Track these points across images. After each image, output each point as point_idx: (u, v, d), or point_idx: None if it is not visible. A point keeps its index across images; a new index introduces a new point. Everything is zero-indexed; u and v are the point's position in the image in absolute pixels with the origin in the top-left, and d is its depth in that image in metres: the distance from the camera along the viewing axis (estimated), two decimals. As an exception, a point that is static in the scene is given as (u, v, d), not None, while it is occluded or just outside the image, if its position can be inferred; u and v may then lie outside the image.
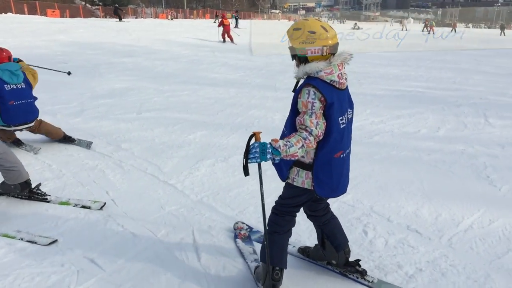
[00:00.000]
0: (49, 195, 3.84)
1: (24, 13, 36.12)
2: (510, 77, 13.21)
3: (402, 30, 44.10)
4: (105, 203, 3.75)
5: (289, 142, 2.25)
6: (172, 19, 46.14)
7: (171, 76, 11.46)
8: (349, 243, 2.89)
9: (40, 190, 3.83)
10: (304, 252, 3.13)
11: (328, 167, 2.44)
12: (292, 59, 2.49)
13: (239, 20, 35.45)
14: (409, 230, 3.47)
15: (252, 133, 2.38)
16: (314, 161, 2.42)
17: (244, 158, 2.33)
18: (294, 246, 3.22)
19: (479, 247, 3.23)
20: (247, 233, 3.39)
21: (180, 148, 5.45)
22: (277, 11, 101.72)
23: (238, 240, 3.28)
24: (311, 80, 2.34)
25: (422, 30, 42.96)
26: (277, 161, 2.30)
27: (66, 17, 38.86)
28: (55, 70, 7.11)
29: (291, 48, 2.45)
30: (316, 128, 2.29)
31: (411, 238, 3.35)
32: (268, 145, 2.28)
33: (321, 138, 2.34)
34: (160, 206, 3.80)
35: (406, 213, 3.78)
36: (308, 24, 2.40)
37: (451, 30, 44.07)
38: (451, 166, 5.09)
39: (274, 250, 2.62)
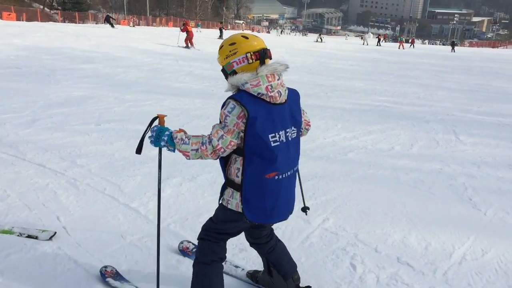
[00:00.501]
0: (-11, 222, 3.30)
1: (-23, 15, 34.43)
2: (471, 93, 13.45)
3: (363, 44, 45.18)
4: (55, 233, 3.23)
5: (187, 138, 2.18)
6: (134, 26, 45.21)
7: (133, 85, 10.89)
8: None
9: (-23, 216, 3.28)
10: (253, 277, 2.87)
11: (258, 188, 2.22)
12: (227, 80, 2.29)
13: (224, 31, 35.00)
14: (400, 263, 3.16)
15: (156, 115, 2.31)
16: (242, 181, 2.22)
17: (141, 137, 2.34)
18: (243, 269, 2.97)
19: (477, 284, 2.96)
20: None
21: (142, 164, 4.97)
22: (241, 21, 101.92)
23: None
24: (236, 93, 2.18)
25: (377, 44, 44.33)
26: (172, 151, 2.24)
27: (22, 20, 37.27)
28: None
29: (222, 70, 2.31)
30: (217, 140, 2.13)
31: (403, 272, 3.03)
32: (167, 133, 2.24)
33: (222, 152, 2.17)
34: (120, 235, 3.32)
35: (393, 242, 3.47)
36: (228, 38, 2.29)
37: (410, 46, 45.55)
38: (431, 187, 4.87)
39: (216, 283, 2.38)
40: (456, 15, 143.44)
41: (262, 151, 2.16)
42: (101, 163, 4.96)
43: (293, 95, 2.35)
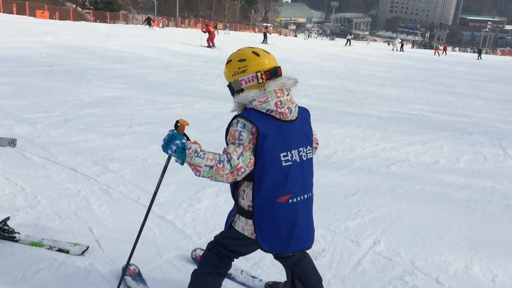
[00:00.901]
0: (18, 233, 3.06)
1: (12, 13, 35.15)
2: (510, 104, 12.87)
3: (393, 50, 44.41)
4: (87, 247, 3.00)
5: (203, 152, 1.96)
6: (163, 27, 45.54)
7: (163, 86, 10.74)
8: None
9: (7, 225, 3.06)
10: None
11: (271, 214, 2.04)
12: (233, 97, 2.17)
13: (269, 36, 34.80)
14: (468, 300, 2.82)
15: (177, 119, 2.13)
16: (254, 206, 2.05)
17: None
18: (260, 280, 2.77)
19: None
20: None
21: (176, 172, 4.73)
22: (269, 24, 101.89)
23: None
24: (244, 113, 2.04)
25: (400, 50, 44.03)
26: (179, 163, 2.03)
27: (55, 19, 37.92)
28: None
29: (228, 86, 2.19)
30: (237, 158, 1.94)
31: (474, 311, 2.70)
32: (178, 142, 2.03)
33: (241, 173, 1.96)
34: (156, 252, 3.07)
35: (456, 272, 3.12)
36: (237, 53, 2.17)
37: (442, 52, 44.61)
38: (486, 207, 4.48)
39: None
40: (488, 22, 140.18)
41: (273, 172, 2.01)
42: (134, 169, 4.74)
43: (304, 113, 2.23)
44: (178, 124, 2.12)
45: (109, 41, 21.04)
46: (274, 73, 2.09)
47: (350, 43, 45.09)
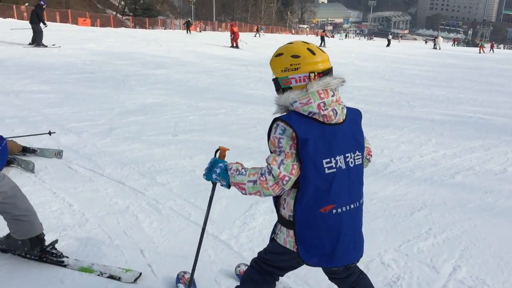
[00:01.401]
0: (67, 257, 2.86)
1: (56, 21, 36.25)
2: None
3: (435, 48, 42.94)
4: (140, 274, 2.76)
5: (245, 169, 1.92)
6: (200, 31, 45.89)
7: (205, 91, 10.58)
8: None
9: (55, 249, 2.86)
10: None
11: (313, 225, 1.90)
12: (278, 93, 2.02)
13: (326, 39, 34.65)
14: None
15: (218, 147, 2.17)
16: (294, 216, 1.91)
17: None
18: None
19: None
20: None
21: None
22: (305, 26, 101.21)
23: None
24: (285, 115, 1.89)
25: (434, 47, 42.59)
26: (225, 186, 1.99)
27: (96, 26, 38.87)
28: (33, 135, 5.52)
29: (274, 80, 2.01)
30: (278, 168, 1.83)
31: None
32: (221, 164, 2.04)
33: (286, 182, 1.84)
34: (213, 279, 2.79)
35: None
36: (291, 47, 1.97)
37: (490, 50, 42.91)
38: None
39: None
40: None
41: (315, 180, 1.86)
42: (182, 181, 4.51)
43: (354, 115, 2.06)
44: (219, 151, 2.14)
45: (149, 46, 21.22)
46: (327, 75, 1.94)
47: (389, 44, 43.83)
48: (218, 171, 2.01)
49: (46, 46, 16.75)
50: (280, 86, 1.97)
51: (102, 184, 4.31)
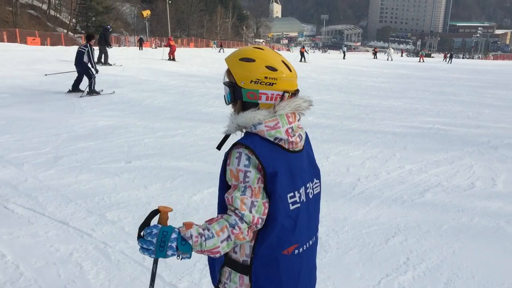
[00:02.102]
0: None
1: (3, 41, 34.72)
2: (521, 111, 12.38)
3: (388, 60, 44.11)
4: None
5: (208, 230, 1.49)
6: (156, 48, 45.18)
7: (161, 111, 10.12)
8: None
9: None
10: None
11: (274, 270, 1.61)
12: (229, 103, 1.66)
13: (306, 55, 34.61)
14: None
15: (156, 208, 1.63)
16: (252, 260, 1.60)
17: (137, 237, 1.56)
18: None
19: None
20: None
21: (185, 217, 4.08)
22: (261, 40, 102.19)
23: None
24: (246, 138, 1.57)
25: (374, 57, 44.61)
26: (187, 258, 1.53)
27: (47, 45, 37.47)
28: None
29: (232, 87, 1.62)
30: (250, 212, 1.50)
31: None
32: (173, 234, 1.50)
33: (260, 224, 1.53)
34: None
35: None
36: (264, 55, 1.61)
37: (447, 60, 44.86)
38: (552, 243, 3.84)
39: None
40: (479, 28, 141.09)
41: (281, 218, 1.57)
42: (135, 217, 4.06)
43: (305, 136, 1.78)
44: (159, 213, 1.62)
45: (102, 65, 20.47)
46: (295, 95, 1.65)
47: (345, 56, 44.70)
48: (175, 244, 1.51)
49: (111, 65, 19.83)
50: (242, 98, 1.61)
51: (42, 226, 3.79)
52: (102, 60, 20.00)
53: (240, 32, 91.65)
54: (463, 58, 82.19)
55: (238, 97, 1.61)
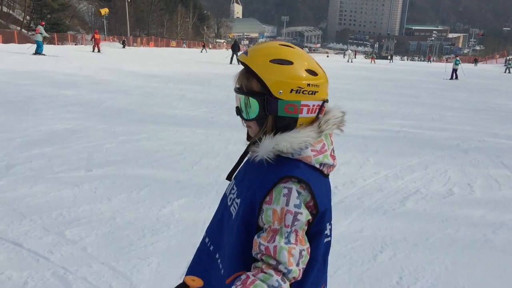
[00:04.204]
0: None
1: None
2: (482, 113, 12.73)
3: (348, 62, 44.81)
4: None
5: None
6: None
7: (123, 113, 9.58)
8: None
9: None
10: None
11: None
12: (253, 118, 1.28)
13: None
14: None
15: (183, 281, 1.24)
16: None
17: None
18: None
19: None
20: None
21: (155, 234, 3.69)
22: (222, 40, 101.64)
23: None
24: (292, 168, 1.21)
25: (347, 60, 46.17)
26: None
27: (-3, 42, 35.60)
28: None
29: (263, 97, 1.23)
30: (296, 264, 1.16)
31: None
32: None
33: (299, 279, 1.20)
34: None
35: None
36: (302, 56, 1.27)
37: (389, 61, 48.19)
38: (540, 254, 3.71)
39: None
40: (433, 32, 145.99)
41: (320, 258, 1.29)
42: (99, 235, 3.64)
43: None
44: None
45: (58, 63, 19.56)
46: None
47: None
48: None
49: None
50: (277, 112, 1.24)
51: (-8, 250, 3.32)
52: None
53: (201, 32, 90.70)
54: (401, 59, 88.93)
55: (272, 111, 1.24)
